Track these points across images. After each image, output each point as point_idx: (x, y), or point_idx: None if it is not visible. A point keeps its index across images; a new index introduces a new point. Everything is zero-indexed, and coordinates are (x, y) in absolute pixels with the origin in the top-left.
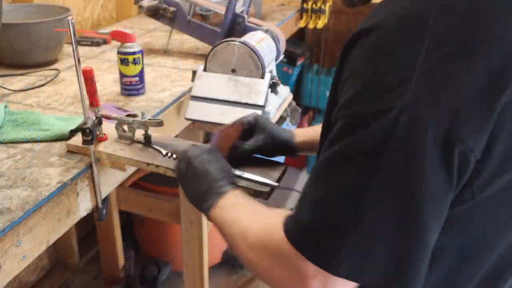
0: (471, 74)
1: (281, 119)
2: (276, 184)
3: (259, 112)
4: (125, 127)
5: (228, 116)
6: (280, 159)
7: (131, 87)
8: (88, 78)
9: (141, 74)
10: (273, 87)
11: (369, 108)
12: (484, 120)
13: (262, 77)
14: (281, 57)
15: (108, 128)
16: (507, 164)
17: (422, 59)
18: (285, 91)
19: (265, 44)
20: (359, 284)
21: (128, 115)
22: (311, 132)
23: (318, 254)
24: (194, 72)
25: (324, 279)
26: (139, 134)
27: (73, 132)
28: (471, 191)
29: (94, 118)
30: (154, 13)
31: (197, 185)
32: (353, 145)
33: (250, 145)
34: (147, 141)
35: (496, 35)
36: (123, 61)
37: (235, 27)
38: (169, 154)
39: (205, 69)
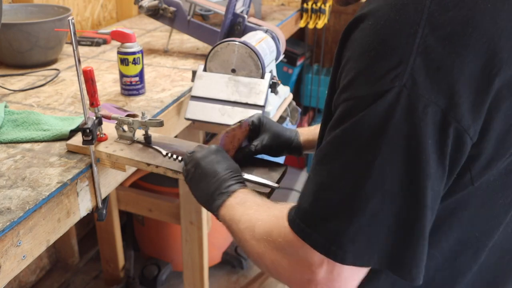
0: (467, 55)
1: (281, 119)
2: (276, 185)
3: (259, 112)
4: (125, 127)
5: (228, 116)
6: (280, 159)
7: (131, 87)
8: (88, 78)
9: (141, 74)
10: (273, 87)
11: (368, 90)
12: (479, 101)
13: (262, 77)
14: (281, 57)
15: (108, 128)
16: (503, 147)
17: (419, 41)
18: (285, 91)
19: (265, 44)
20: (366, 268)
21: (128, 115)
22: (315, 130)
23: (321, 241)
24: (194, 72)
25: (331, 266)
26: (139, 134)
27: (73, 132)
28: (470, 177)
29: (94, 118)
30: (154, 13)
31: (206, 186)
32: (353, 128)
33: (256, 145)
34: (147, 141)
35: (489, 16)
36: (123, 61)
37: (235, 27)
38: (169, 155)
39: (205, 69)
